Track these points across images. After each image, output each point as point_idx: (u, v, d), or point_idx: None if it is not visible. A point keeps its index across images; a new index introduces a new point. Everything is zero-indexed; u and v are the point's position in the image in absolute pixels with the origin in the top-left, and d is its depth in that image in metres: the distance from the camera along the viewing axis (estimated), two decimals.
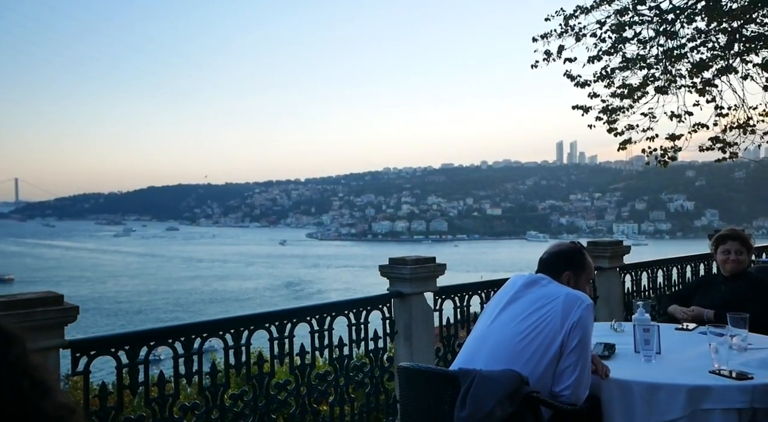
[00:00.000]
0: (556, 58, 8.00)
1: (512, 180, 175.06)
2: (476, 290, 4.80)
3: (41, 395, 1.45)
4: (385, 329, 4.34)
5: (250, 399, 3.61)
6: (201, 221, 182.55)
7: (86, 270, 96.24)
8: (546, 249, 3.07)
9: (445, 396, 2.64)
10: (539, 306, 2.74)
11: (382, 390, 4.29)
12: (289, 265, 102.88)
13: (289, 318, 3.82)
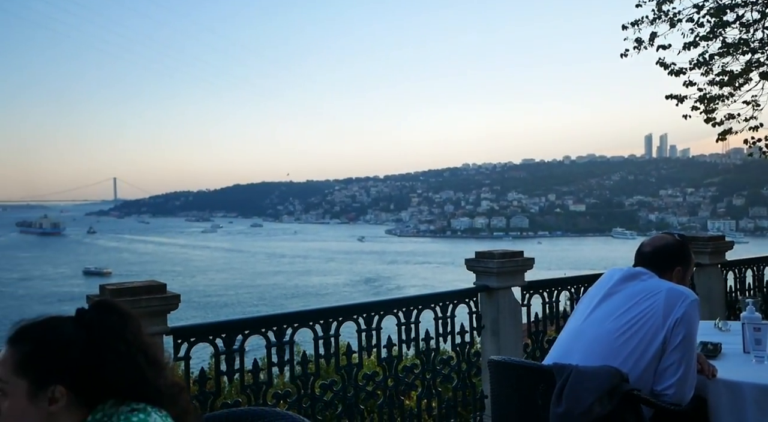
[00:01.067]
0: (648, 46, 7.65)
1: (597, 175, 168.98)
2: (566, 285, 4.67)
3: (156, 372, 1.54)
4: (472, 323, 4.30)
5: (339, 389, 3.67)
6: (283, 217, 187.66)
7: (177, 264, 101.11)
8: (646, 242, 2.92)
9: (538, 390, 2.57)
10: (639, 301, 2.62)
11: (469, 385, 4.25)
12: (368, 261, 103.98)
13: (377, 311, 3.85)
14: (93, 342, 1.42)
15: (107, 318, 1.47)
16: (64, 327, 1.44)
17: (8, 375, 1.39)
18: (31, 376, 1.38)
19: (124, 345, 1.45)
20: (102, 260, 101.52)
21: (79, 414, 1.43)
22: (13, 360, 1.40)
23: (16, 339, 1.43)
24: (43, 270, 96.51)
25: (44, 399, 1.39)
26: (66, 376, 1.39)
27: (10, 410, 1.39)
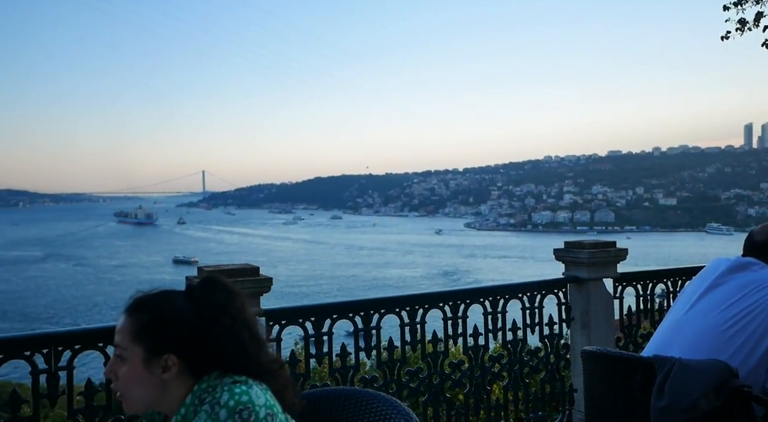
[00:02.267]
0: (753, 27, 7.13)
1: (689, 167, 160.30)
2: (662, 278, 4.45)
3: (257, 347, 1.60)
4: (561, 315, 4.18)
5: (425, 377, 3.67)
6: (363, 210, 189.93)
7: (260, 255, 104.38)
8: (757, 230, 2.72)
9: (636, 383, 2.46)
10: (748, 293, 2.45)
11: (557, 377, 4.14)
12: (445, 255, 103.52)
13: (463, 299, 3.81)
14: (201, 315, 1.51)
15: (214, 293, 1.56)
16: (176, 300, 1.54)
17: (127, 342, 1.50)
18: (147, 344, 1.48)
19: (230, 318, 1.53)
20: (190, 249, 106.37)
21: (188, 384, 1.51)
22: (131, 329, 1.50)
23: (134, 310, 1.53)
24: (138, 258, 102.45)
25: (158, 367, 1.48)
26: (178, 346, 1.49)
27: (127, 375, 1.49)
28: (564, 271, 4.28)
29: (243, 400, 1.40)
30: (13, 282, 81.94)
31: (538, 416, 4.02)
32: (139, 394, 1.50)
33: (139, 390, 1.49)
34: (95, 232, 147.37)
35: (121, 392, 1.51)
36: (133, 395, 1.50)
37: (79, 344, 2.87)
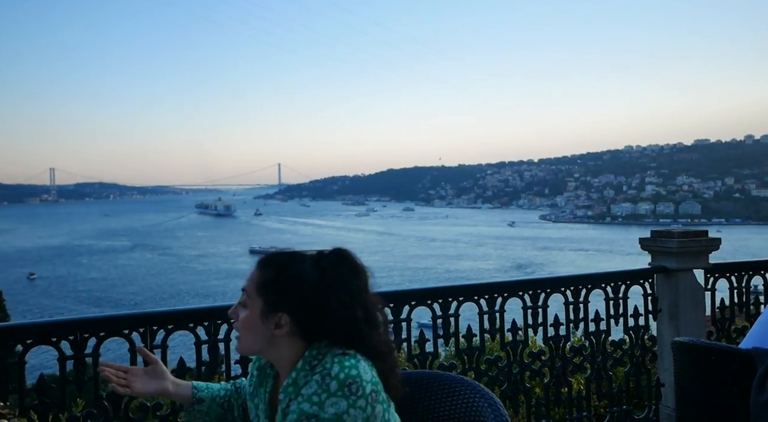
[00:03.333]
0: None
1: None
2: (759, 269, 4.19)
3: (370, 328, 1.59)
4: (647, 306, 4.02)
5: (504, 366, 3.62)
6: (435, 202, 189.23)
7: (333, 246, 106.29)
8: None
9: (733, 377, 2.34)
10: None
11: (643, 371, 3.99)
12: (519, 247, 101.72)
13: (543, 288, 3.73)
14: (322, 285, 1.55)
15: (340, 266, 1.59)
16: (304, 264, 1.59)
17: (252, 291, 1.60)
18: (266, 298, 1.57)
19: (348, 295, 1.57)
20: (267, 240, 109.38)
21: (298, 347, 1.58)
22: (257, 281, 1.59)
23: (264, 264, 1.62)
24: (218, 249, 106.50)
25: (272, 322, 1.56)
26: (292, 308, 1.55)
27: (244, 321, 1.60)
28: (650, 261, 4.11)
29: (352, 374, 1.44)
30: (105, 270, 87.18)
31: (622, 410, 3.89)
32: (250, 340, 1.60)
33: (251, 336, 1.59)
34: (178, 223, 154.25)
35: (238, 333, 1.63)
36: (245, 339, 1.61)
37: (104, 331, 2.95)
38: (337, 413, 1.41)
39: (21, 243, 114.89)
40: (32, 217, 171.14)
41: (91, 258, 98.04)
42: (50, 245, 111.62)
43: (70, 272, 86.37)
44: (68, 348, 2.88)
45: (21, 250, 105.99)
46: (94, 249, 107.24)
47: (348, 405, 1.42)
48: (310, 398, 1.44)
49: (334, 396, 1.42)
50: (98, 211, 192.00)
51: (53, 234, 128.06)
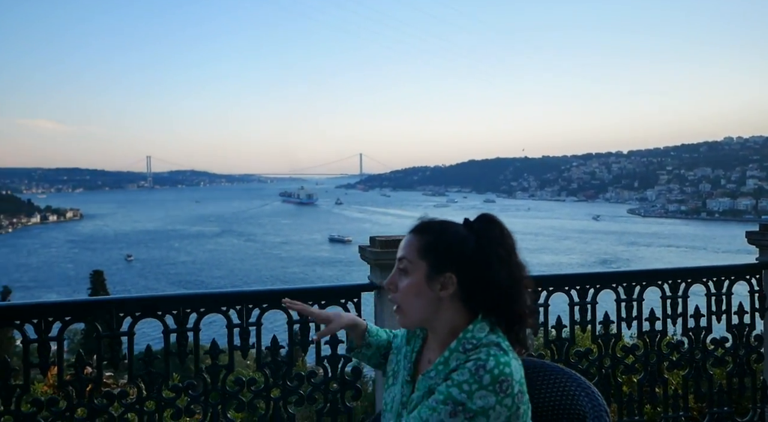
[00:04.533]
0: None
1: None
2: None
3: (521, 287, 1.62)
4: (753, 303, 3.77)
5: (595, 359, 3.52)
6: (517, 194, 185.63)
7: None
8: None
9: None
10: None
11: (747, 371, 3.76)
12: (604, 242, 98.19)
13: (638, 280, 3.59)
14: (481, 244, 1.61)
15: (493, 228, 1.65)
16: (458, 227, 1.65)
17: (412, 256, 1.62)
18: (431, 260, 1.59)
19: (506, 251, 1.63)
20: (346, 229, 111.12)
21: (459, 311, 1.62)
22: (417, 245, 1.62)
23: (420, 230, 1.66)
24: (299, 236, 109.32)
25: (437, 283, 1.59)
26: (458, 267, 1.59)
27: (408, 286, 1.62)
28: (758, 256, 3.86)
29: (505, 372, 1.45)
30: (195, 254, 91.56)
31: (723, 412, 3.69)
32: (415, 306, 1.61)
33: (416, 302, 1.60)
34: (263, 211, 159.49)
35: (400, 303, 1.64)
36: (410, 307, 1.62)
37: (205, 307, 3.08)
38: (484, 407, 1.43)
39: (120, 227, 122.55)
40: (130, 203, 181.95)
41: (182, 242, 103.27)
42: (146, 229, 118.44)
43: (163, 255, 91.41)
44: (172, 322, 3.06)
45: (120, 233, 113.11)
46: (186, 233, 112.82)
47: (496, 401, 1.43)
48: (460, 385, 1.45)
49: (485, 389, 1.43)
50: (190, 198, 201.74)
51: (149, 219, 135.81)
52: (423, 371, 1.65)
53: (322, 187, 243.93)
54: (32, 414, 2.89)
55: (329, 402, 3.26)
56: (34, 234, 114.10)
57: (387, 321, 3.31)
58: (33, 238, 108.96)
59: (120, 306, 2.99)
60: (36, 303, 2.97)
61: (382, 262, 3.30)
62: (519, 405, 1.47)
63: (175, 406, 3.06)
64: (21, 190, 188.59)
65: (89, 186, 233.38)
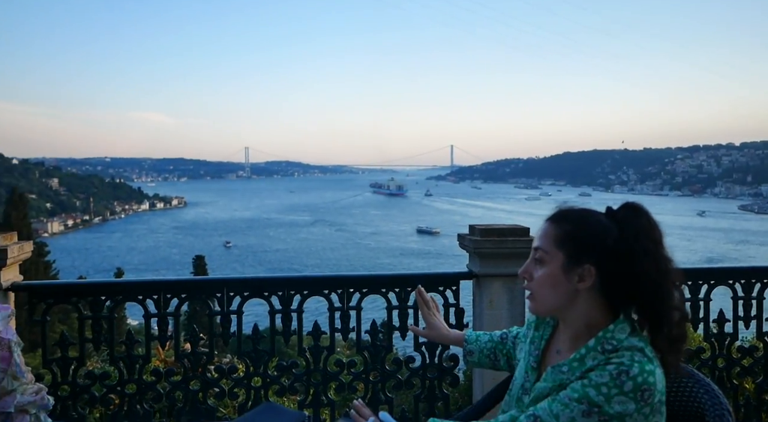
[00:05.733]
0: None
1: None
2: None
3: (670, 283, 1.50)
4: None
5: (707, 358, 3.35)
6: (615, 187, 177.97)
7: None
8: None
9: None
10: None
11: None
12: (710, 239, 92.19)
13: (706, 279, 3.35)
14: (625, 235, 1.51)
15: (638, 218, 1.55)
16: (599, 216, 1.58)
17: (549, 246, 1.55)
18: (569, 251, 1.52)
19: (653, 244, 1.51)
20: (435, 221, 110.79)
21: (596, 305, 1.54)
22: (555, 235, 1.55)
23: (557, 219, 1.59)
24: (389, 227, 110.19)
25: (575, 275, 1.51)
26: (598, 258, 1.50)
27: (543, 277, 1.56)
28: None
29: (649, 381, 1.40)
30: (288, 243, 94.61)
31: None
32: (549, 297, 1.55)
33: (551, 292, 1.55)
34: (353, 201, 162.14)
35: (533, 292, 1.59)
36: (543, 296, 1.57)
37: (308, 290, 3.19)
38: (621, 413, 1.39)
39: (219, 215, 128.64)
40: (229, 192, 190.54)
41: (276, 230, 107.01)
42: (243, 217, 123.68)
43: (259, 242, 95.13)
44: (278, 302, 3.19)
45: (219, 221, 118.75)
46: (280, 222, 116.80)
47: (636, 409, 1.39)
48: (598, 387, 1.40)
49: (625, 395, 1.38)
50: (284, 188, 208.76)
51: (246, 208, 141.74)
52: (551, 360, 1.61)
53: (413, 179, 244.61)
54: (152, 384, 3.12)
55: (426, 388, 3.29)
56: (143, 220, 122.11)
57: (485, 310, 3.30)
58: (142, 224, 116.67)
59: (231, 285, 3.15)
60: (157, 280, 3.18)
61: (482, 251, 3.28)
62: (656, 415, 1.42)
63: (280, 383, 3.19)
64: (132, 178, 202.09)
65: (193, 175, 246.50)
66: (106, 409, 3.20)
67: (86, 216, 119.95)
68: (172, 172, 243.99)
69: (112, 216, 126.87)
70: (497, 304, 3.29)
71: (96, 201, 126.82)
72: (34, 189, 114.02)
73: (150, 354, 3.20)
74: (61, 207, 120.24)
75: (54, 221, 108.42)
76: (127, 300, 3.12)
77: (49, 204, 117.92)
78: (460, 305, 3.31)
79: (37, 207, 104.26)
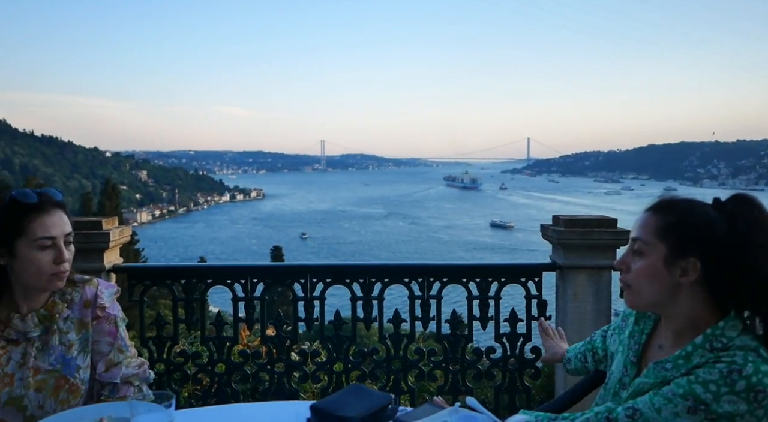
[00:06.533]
0: None
1: None
2: None
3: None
4: None
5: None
6: (704, 182, 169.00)
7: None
8: None
9: None
10: None
11: None
12: None
13: None
14: (735, 229, 1.42)
15: (750, 211, 1.45)
16: (705, 208, 1.48)
17: (649, 237, 1.48)
18: (671, 243, 1.45)
19: (765, 238, 1.42)
20: (509, 215, 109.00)
21: (699, 301, 1.46)
22: (656, 226, 1.48)
23: (659, 209, 1.51)
24: (462, 221, 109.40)
25: (677, 268, 1.44)
26: (703, 252, 1.42)
27: (642, 269, 1.48)
28: None
29: (764, 382, 1.31)
30: (362, 235, 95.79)
31: None
32: (648, 290, 1.48)
33: (649, 285, 1.48)
34: (427, 195, 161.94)
35: (630, 284, 1.51)
36: (641, 289, 1.49)
37: (389, 278, 3.23)
38: (731, 413, 1.32)
39: (296, 207, 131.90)
40: (306, 184, 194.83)
41: (351, 222, 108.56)
42: (319, 209, 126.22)
43: (333, 234, 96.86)
44: (359, 289, 3.24)
45: (296, 213, 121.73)
46: (354, 214, 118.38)
47: (747, 410, 1.31)
48: (706, 384, 1.34)
49: (736, 395, 1.31)
50: (359, 180, 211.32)
51: (321, 200, 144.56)
52: (652, 356, 1.55)
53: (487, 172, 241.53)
54: (240, 364, 3.25)
55: (507, 380, 3.26)
56: (224, 211, 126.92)
57: (569, 302, 3.23)
58: (223, 215, 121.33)
59: (314, 272, 3.23)
60: (244, 265, 3.32)
61: (566, 242, 3.21)
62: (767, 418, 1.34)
63: (361, 369, 3.25)
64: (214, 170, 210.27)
65: (271, 168, 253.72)
66: (197, 387, 3.36)
67: (172, 207, 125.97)
68: (251, 165, 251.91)
69: (195, 207, 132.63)
70: (582, 297, 3.21)
71: (181, 192, 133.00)
72: (125, 180, 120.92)
73: (238, 337, 3.33)
74: (149, 198, 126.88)
75: (143, 211, 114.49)
76: (216, 284, 3.25)
77: (138, 195, 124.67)
78: (543, 297, 3.25)
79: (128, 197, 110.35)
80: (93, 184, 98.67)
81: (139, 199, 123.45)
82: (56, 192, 1.81)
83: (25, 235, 1.70)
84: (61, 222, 1.76)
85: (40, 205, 1.73)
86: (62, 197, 1.82)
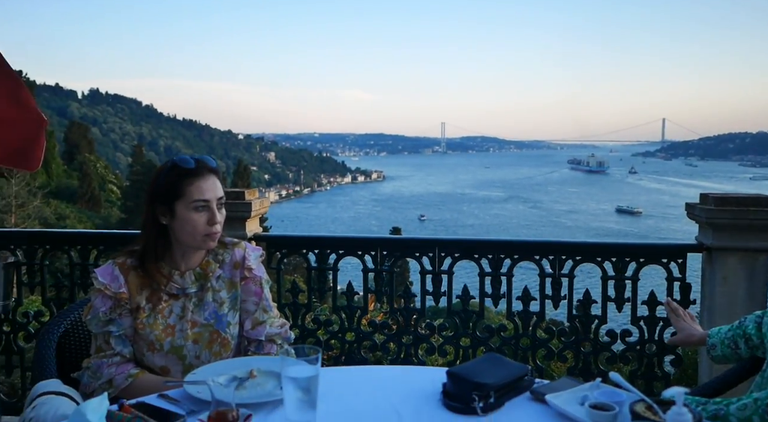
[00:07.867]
0: None
1: None
2: None
3: None
4: None
5: None
6: None
7: None
8: None
9: None
10: None
11: None
12: None
13: None
14: None
15: None
16: None
17: None
18: None
19: None
20: (639, 200, 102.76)
21: None
22: None
23: None
24: (587, 205, 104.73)
25: None
26: None
27: None
28: None
29: None
30: (481, 218, 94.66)
31: None
32: None
33: None
34: (550, 178, 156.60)
35: None
36: None
37: (518, 254, 3.18)
38: None
39: (415, 189, 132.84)
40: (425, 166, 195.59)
41: (470, 205, 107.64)
42: (437, 191, 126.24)
43: (452, 216, 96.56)
44: (487, 266, 3.21)
45: (415, 195, 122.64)
46: (473, 197, 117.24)
47: None
48: None
49: None
50: (479, 163, 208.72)
51: (440, 182, 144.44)
52: None
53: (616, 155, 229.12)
54: (369, 334, 3.35)
55: (644, 365, 3.09)
56: (346, 192, 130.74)
57: (717, 287, 2.99)
58: (345, 196, 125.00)
59: (443, 246, 3.23)
60: (376, 237, 3.41)
61: (716, 221, 2.97)
62: None
63: (488, 345, 3.23)
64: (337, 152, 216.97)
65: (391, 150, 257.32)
66: (329, 353, 3.50)
67: (297, 187, 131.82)
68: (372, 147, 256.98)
69: (318, 187, 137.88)
70: (732, 281, 2.96)
71: (306, 173, 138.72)
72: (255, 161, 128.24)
73: (367, 307, 3.43)
74: (276, 178, 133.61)
75: (271, 191, 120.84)
76: (348, 254, 3.34)
77: (267, 175, 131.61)
78: (686, 280, 3.04)
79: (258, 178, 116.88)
80: (227, 164, 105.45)
81: (268, 179, 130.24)
82: (211, 159, 1.95)
83: (183, 197, 1.85)
84: (215, 187, 1.89)
85: (197, 170, 1.87)
86: (216, 164, 1.96)
